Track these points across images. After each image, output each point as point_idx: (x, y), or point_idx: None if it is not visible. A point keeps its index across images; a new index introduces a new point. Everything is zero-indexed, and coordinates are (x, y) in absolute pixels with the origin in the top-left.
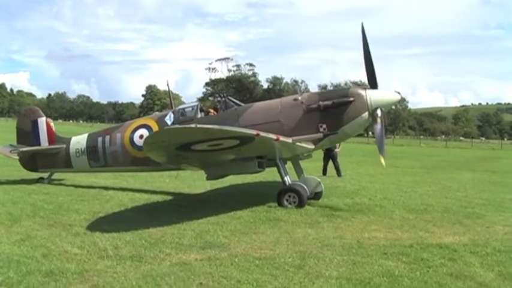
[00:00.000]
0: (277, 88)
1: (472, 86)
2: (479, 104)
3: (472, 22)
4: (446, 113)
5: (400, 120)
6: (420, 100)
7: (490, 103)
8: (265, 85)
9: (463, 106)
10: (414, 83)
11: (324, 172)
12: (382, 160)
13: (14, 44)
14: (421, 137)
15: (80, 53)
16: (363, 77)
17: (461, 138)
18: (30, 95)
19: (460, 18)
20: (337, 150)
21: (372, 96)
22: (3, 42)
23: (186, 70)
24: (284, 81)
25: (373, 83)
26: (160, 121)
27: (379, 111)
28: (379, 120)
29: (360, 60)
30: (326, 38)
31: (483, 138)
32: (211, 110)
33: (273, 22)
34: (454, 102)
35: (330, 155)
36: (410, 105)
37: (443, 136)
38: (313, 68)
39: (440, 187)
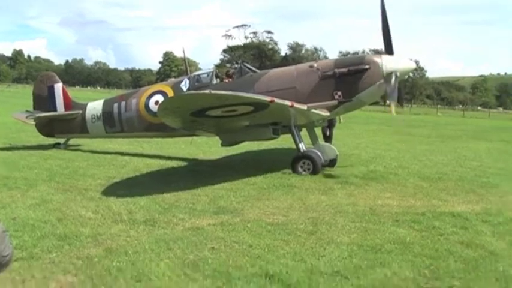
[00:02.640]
0: (296, 55)
1: (491, 56)
2: (498, 74)
3: None
4: (464, 82)
5: (418, 89)
6: (438, 69)
7: (509, 73)
8: (284, 51)
9: (481, 76)
10: (432, 51)
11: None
12: (392, 108)
13: (31, 10)
14: (439, 106)
15: (94, 19)
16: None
17: (478, 108)
18: (48, 61)
19: None
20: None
21: (387, 64)
22: (20, 9)
23: (204, 37)
24: (304, 48)
25: (389, 50)
26: (176, 87)
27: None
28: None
29: (379, 28)
30: (345, 5)
31: (501, 109)
32: (226, 77)
33: None
34: (473, 71)
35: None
36: (428, 74)
37: (460, 106)
38: (332, 36)
39: (456, 156)
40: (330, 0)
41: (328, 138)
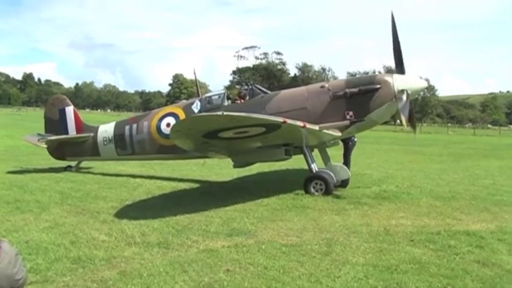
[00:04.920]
0: (305, 76)
1: (499, 73)
2: (508, 91)
3: (499, 7)
4: (473, 100)
5: (429, 108)
6: (446, 87)
7: None
8: (292, 72)
9: (491, 93)
10: (440, 69)
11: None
12: (404, 122)
13: (39, 33)
14: (449, 124)
15: (101, 42)
16: (390, 64)
17: (489, 125)
18: (58, 84)
19: (488, 3)
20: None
21: (398, 83)
22: (29, 32)
23: (211, 58)
24: (313, 69)
25: (400, 69)
26: (187, 109)
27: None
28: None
29: (386, 48)
30: (350, 25)
31: (511, 126)
32: (238, 98)
33: (297, 9)
34: (481, 89)
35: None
36: (437, 93)
37: (470, 124)
38: (338, 56)
39: (468, 174)
40: (337, 21)
41: (345, 162)
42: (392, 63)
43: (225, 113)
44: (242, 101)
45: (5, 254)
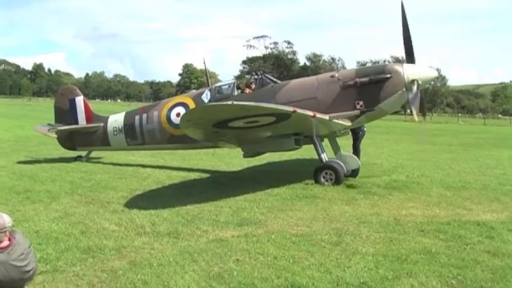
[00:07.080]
0: (314, 65)
1: (508, 63)
2: None
3: None
4: (484, 90)
5: (439, 97)
6: (455, 77)
7: None
8: (302, 62)
9: (501, 83)
10: (449, 60)
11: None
12: (415, 115)
13: (48, 24)
14: (459, 114)
15: (109, 32)
16: (400, 53)
17: (499, 115)
18: (68, 74)
19: None
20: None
21: (409, 73)
22: (38, 24)
23: (220, 49)
24: (322, 58)
25: (410, 58)
26: (197, 99)
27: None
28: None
29: (396, 37)
30: (360, 15)
31: None
32: (248, 88)
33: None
34: (491, 79)
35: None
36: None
37: (481, 113)
38: (348, 46)
39: (478, 164)
40: (347, 10)
41: (355, 152)
42: (400, 53)
43: (235, 103)
44: (250, 90)
45: (18, 245)
